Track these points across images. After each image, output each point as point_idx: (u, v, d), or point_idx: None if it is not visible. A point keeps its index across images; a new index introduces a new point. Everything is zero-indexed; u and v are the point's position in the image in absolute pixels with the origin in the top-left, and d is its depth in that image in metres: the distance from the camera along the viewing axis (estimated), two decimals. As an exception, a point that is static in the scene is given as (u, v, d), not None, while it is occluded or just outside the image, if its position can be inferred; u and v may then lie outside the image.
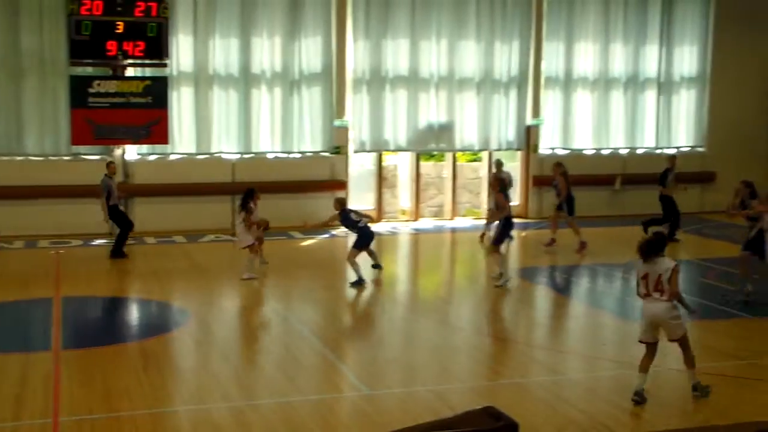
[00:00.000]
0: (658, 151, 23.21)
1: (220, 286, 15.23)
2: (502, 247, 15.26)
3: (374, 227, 20.64)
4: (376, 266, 15.68)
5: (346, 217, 15.37)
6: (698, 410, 9.32)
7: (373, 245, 15.61)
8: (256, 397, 9.72)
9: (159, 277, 15.61)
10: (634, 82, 22.94)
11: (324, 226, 17.16)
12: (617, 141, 22.98)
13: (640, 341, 9.64)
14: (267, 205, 20.07)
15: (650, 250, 9.40)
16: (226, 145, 20.37)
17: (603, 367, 10.89)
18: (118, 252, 17.22)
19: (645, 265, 9.41)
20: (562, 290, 15.09)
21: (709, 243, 19.00)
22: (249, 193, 15.84)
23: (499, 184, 15.68)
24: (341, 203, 15.70)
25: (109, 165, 17.55)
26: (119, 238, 17.37)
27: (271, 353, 11.56)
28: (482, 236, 18.83)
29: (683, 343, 9.54)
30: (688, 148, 23.53)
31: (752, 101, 23.65)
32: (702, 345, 11.36)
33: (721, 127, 23.49)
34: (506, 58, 21.95)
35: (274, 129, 20.73)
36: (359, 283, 14.78)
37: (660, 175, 19.02)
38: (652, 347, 9.57)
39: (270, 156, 20.81)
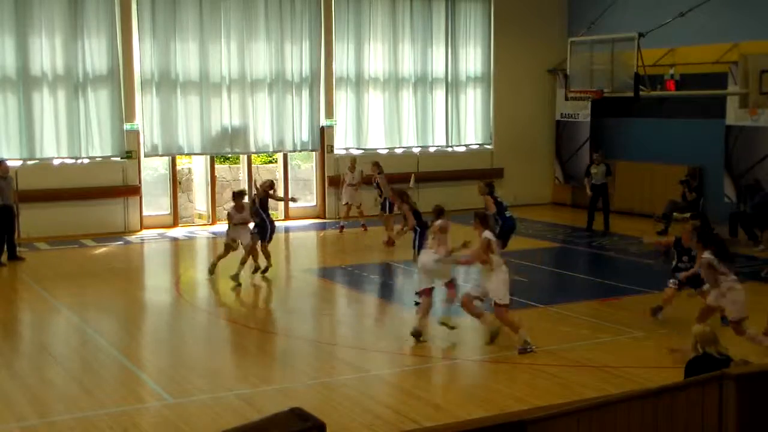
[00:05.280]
0: (450, 149, 23.95)
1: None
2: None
3: (170, 233, 20.36)
4: None
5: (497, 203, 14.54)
6: (498, 398, 9.62)
7: None
8: (51, 413, 9.22)
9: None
10: (423, 82, 23.49)
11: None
12: (410, 140, 23.48)
13: None
14: (57, 213, 19.42)
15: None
16: (6, 151, 19.24)
17: (406, 362, 11.06)
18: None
19: None
20: (362, 289, 15.23)
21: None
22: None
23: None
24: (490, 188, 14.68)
25: (1, 164, 16.95)
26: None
27: (66, 366, 11.00)
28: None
29: None
30: (477, 146, 24.38)
31: (533, 100, 24.75)
32: (499, 334, 11.74)
33: (506, 126, 24.48)
34: (297, 59, 21.94)
35: (59, 133, 19.78)
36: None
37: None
38: None
39: (56, 162, 19.89)
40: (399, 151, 23.30)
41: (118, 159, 20.37)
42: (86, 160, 20.14)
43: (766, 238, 17.91)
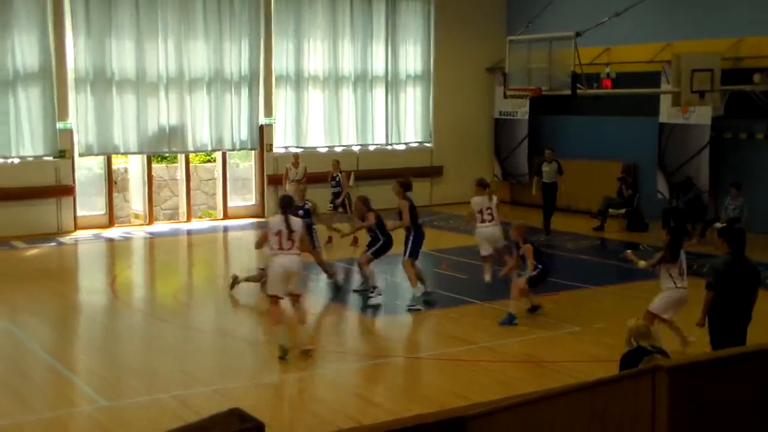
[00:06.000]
0: (389, 148, 23.96)
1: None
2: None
3: (105, 233, 20.04)
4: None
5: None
6: (438, 395, 9.62)
7: None
8: (-20, 419, 9.00)
9: None
10: (363, 80, 23.46)
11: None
12: (349, 138, 23.42)
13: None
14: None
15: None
16: (-67, 151, 18.80)
17: (346, 361, 11.01)
18: None
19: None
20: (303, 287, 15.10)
21: (440, 234, 19.75)
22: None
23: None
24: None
25: None
26: None
27: (-4, 371, 10.75)
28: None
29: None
30: (417, 144, 24.43)
31: (472, 98, 24.88)
32: (438, 332, 11.78)
33: (446, 124, 24.58)
34: (236, 57, 21.73)
35: (-12, 132, 19.38)
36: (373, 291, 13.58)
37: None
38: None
39: (-15, 162, 19.47)
40: (339, 149, 23.21)
41: (51, 158, 19.97)
42: (17, 160, 19.70)
43: (697, 233, 18.23)
